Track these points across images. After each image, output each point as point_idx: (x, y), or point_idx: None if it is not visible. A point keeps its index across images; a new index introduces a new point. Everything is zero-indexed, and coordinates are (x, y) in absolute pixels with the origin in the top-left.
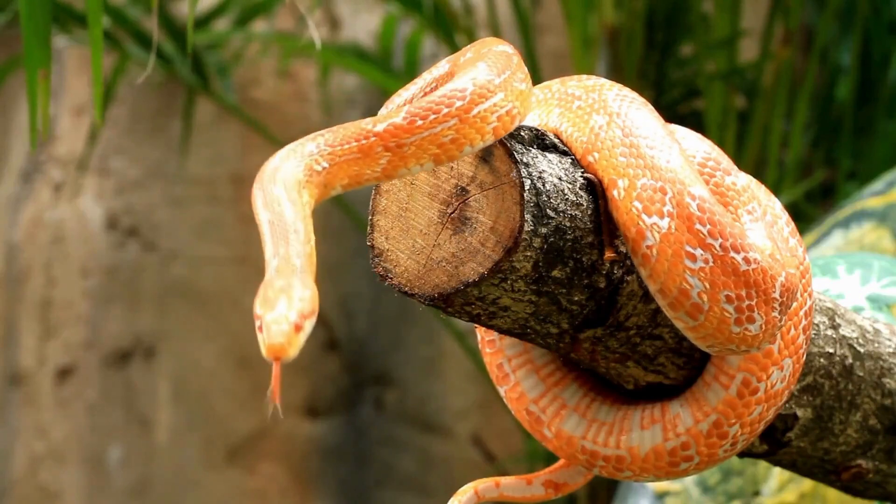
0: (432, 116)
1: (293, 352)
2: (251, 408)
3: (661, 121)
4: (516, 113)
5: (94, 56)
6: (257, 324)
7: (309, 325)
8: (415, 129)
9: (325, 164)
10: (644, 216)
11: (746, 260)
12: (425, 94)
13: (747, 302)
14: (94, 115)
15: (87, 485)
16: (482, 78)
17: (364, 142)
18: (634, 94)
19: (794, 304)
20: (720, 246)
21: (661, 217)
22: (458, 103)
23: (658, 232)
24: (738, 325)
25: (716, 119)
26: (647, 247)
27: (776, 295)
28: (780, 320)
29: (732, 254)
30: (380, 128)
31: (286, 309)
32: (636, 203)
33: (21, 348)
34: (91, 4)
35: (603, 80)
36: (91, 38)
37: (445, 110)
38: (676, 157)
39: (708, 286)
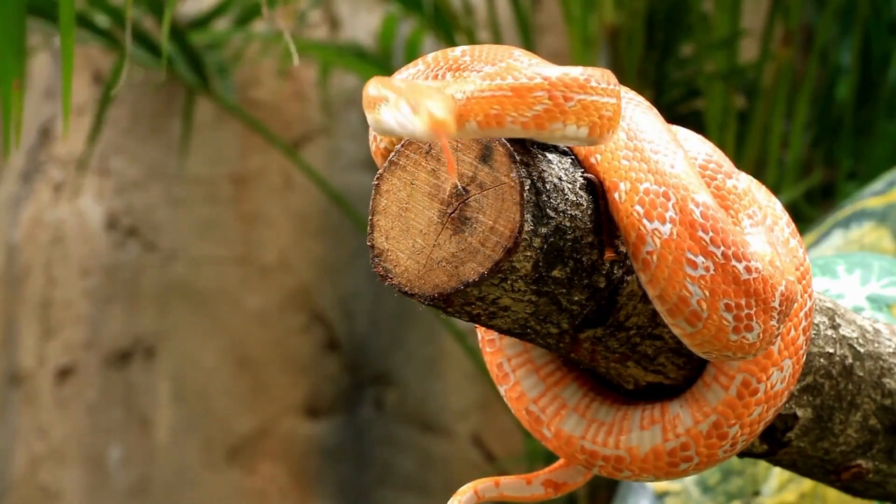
0: (605, 85)
1: (454, 128)
2: (251, 408)
3: (666, 125)
4: None
5: (64, 66)
6: (394, 100)
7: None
8: (588, 88)
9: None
10: (645, 221)
11: (748, 269)
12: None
13: (746, 311)
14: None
15: (87, 485)
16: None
17: (523, 80)
18: (640, 98)
19: (794, 306)
20: (722, 254)
21: (663, 222)
22: (615, 87)
23: (659, 238)
24: (735, 334)
25: (716, 119)
26: (648, 252)
27: (775, 304)
28: (778, 329)
29: (734, 262)
30: (552, 72)
31: (441, 95)
32: (637, 207)
33: (21, 348)
34: (64, 13)
35: None
36: (63, 49)
37: (613, 87)
38: (681, 163)
39: (708, 294)
